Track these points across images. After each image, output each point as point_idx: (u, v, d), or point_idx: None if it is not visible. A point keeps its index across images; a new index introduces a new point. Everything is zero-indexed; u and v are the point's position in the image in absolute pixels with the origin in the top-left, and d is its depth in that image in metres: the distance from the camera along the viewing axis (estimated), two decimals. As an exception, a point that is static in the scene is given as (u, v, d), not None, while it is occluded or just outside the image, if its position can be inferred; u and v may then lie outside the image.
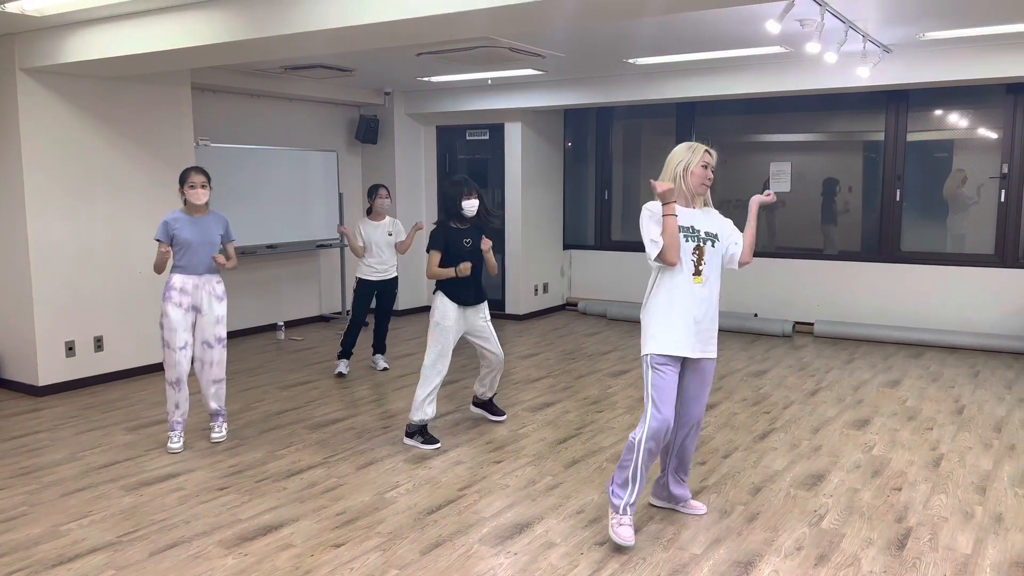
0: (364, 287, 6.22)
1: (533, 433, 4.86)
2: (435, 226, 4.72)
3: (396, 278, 6.33)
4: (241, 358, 6.96)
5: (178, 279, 4.49)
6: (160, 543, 3.41)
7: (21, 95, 5.49)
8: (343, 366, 6.27)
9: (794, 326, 7.88)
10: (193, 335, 4.56)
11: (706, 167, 3.37)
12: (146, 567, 3.20)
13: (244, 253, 7.64)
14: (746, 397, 5.64)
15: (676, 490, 3.65)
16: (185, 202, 4.56)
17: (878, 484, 4.01)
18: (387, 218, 6.29)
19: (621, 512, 3.33)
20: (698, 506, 3.70)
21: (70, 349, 5.87)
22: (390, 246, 6.25)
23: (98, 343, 6.03)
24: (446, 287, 4.61)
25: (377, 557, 3.27)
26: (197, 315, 4.55)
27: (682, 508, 3.69)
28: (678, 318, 3.34)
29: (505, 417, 5.09)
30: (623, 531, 3.31)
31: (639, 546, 3.35)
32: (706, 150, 3.38)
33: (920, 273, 7.46)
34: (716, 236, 3.43)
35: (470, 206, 4.61)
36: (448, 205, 4.67)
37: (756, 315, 8.15)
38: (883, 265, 7.64)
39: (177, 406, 4.56)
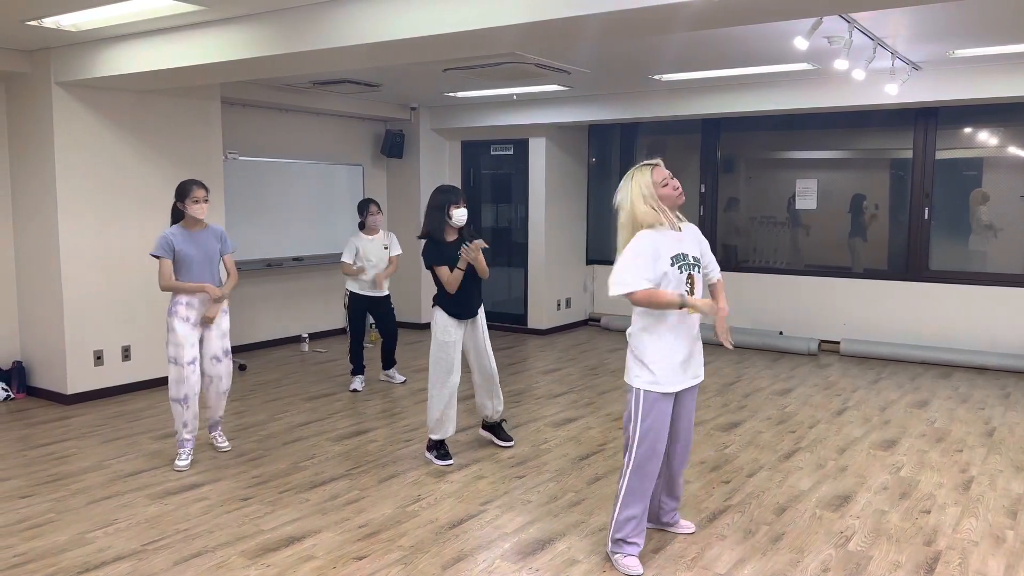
0: (357, 302, 6.20)
1: (555, 448, 4.84)
2: (426, 242, 4.54)
3: (389, 295, 6.29)
4: (265, 369, 7.01)
5: (185, 295, 4.43)
6: (184, 552, 3.43)
7: (56, 108, 5.60)
8: (358, 382, 6.30)
9: (820, 344, 7.80)
10: (200, 350, 4.51)
11: (666, 183, 3.20)
12: (170, 576, 3.22)
13: (269, 265, 7.71)
14: (771, 416, 5.58)
15: (665, 517, 3.61)
16: (180, 217, 4.46)
17: (906, 506, 3.95)
18: (381, 232, 6.30)
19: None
20: (687, 525, 3.65)
21: (98, 358, 5.95)
22: (383, 261, 6.22)
23: (126, 352, 6.10)
24: (444, 303, 4.50)
25: (399, 571, 3.26)
26: (204, 330, 4.52)
27: (673, 529, 3.64)
28: (677, 355, 3.20)
29: (513, 443, 4.89)
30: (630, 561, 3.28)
31: (663, 564, 3.32)
32: (652, 167, 3.22)
33: (949, 292, 7.36)
34: (699, 259, 3.31)
35: (460, 215, 4.48)
36: (435, 215, 4.49)
37: (781, 333, 8.07)
38: (911, 284, 7.54)
39: (186, 424, 4.47)
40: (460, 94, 7.88)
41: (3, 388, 5.90)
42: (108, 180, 5.92)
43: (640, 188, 3.22)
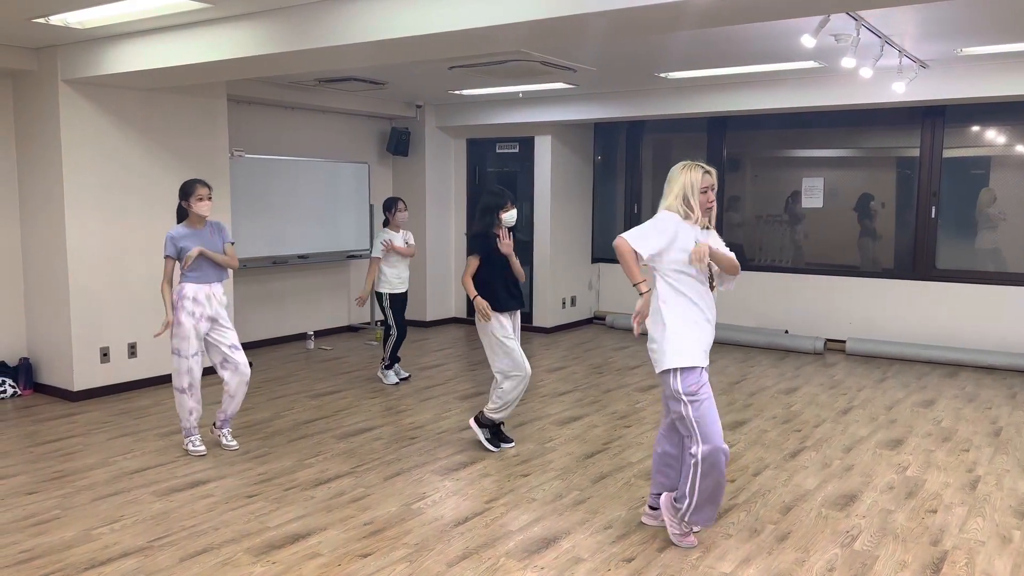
0: (397, 300, 6.35)
1: (560, 447, 4.84)
2: (474, 235, 4.71)
3: (407, 291, 6.48)
4: (270, 367, 7.02)
5: (190, 289, 4.56)
6: (190, 549, 3.43)
7: (63, 106, 5.61)
8: (394, 375, 6.41)
9: (825, 343, 7.78)
10: (206, 343, 4.64)
11: (705, 191, 3.37)
12: (175, 572, 3.22)
13: (275, 262, 7.72)
14: (776, 415, 5.57)
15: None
16: (186, 216, 4.61)
17: (912, 506, 3.93)
18: (402, 229, 6.39)
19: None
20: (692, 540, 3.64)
21: (105, 355, 5.96)
22: (406, 256, 6.38)
23: (132, 350, 6.12)
24: (491, 302, 4.60)
25: (404, 568, 3.26)
26: (213, 324, 4.62)
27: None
28: (706, 327, 3.37)
29: (513, 443, 4.84)
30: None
31: (667, 564, 3.32)
32: (705, 171, 3.38)
33: (955, 291, 7.33)
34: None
35: (509, 217, 4.68)
36: (486, 217, 4.68)
37: (787, 332, 8.05)
38: (917, 283, 7.52)
39: (191, 412, 4.65)
40: (466, 92, 7.87)
41: (10, 385, 5.92)
42: (115, 178, 5.94)
43: (685, 184, 3.37)
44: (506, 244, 4.62)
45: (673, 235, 3.32)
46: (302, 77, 6.93)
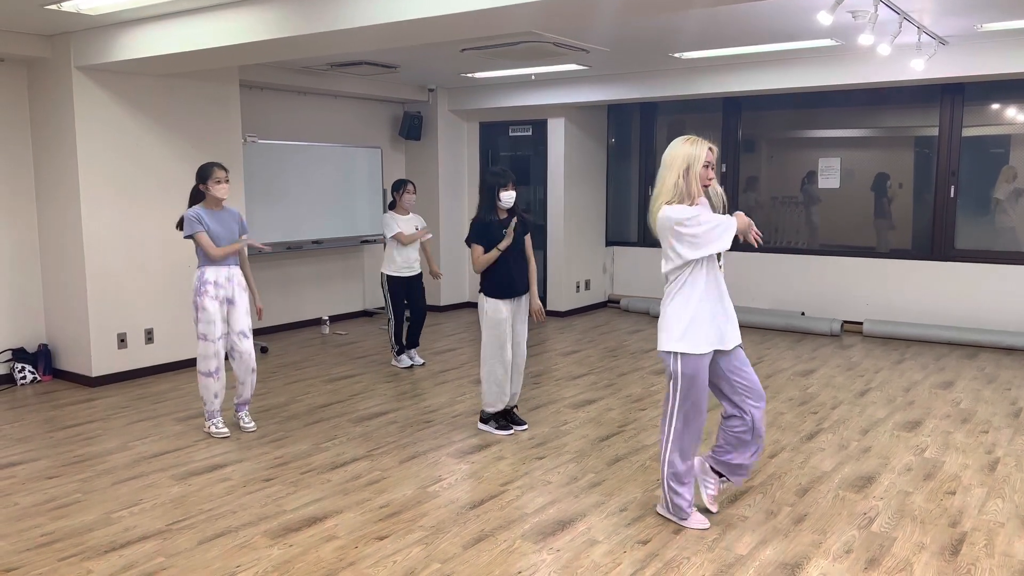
0: (397, 284, 6.29)
1: (575, 430, 4.84)
2: (474, 220, 4.73)
3: (420, 274, 6.41)
4: (286, 352, 7.05)
5: (211, 272, 4.60)
6: (208, 532, 3.46)
7: (76, 93, 5.63)
8: (406, 359, 6.44)
9: (842, 325, 7.72)
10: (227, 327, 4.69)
11: (707, 166, 3.31)
12: (194, 555, 3.25)
13: (289, 248, 7.74)
14: (793, 397, 5.54)
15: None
16: (199, 199, 4.64)
17: (931, 487, 3.91)
18: (411, 213, 6.34)
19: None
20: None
21: (122, 341, 6.01)
22: (416, 241, 6.32)
23: (149, 335, 6.16)
24: (490, 289, 4.65)
25: (420, 551, 3.28)
26: (230, 307, 4.66)
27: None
28: (708, 314, 3.32)
29: (526, 427, 4.85)
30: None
31: (684, 545, 3.31)
32: (709, 147, 3.31)
33: (975, 271, 7.25)
34: None
35: (508, 197, 4.65)
36: (486, 195, 4.70)
37: (803, 313, 8.00)
38: (935, 263, 7.44)
39: (216, 395, 4.70)
40: (478, 75, 7.83)
41: (30, 371, 5.98)
42: (129, 164, 5.96)
43: (688, 158, 3.30)
44: (506, 242, 4.61)
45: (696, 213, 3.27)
46: (314, 62, 6.91)
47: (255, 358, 4.79)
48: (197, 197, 4.66)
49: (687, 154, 3.30)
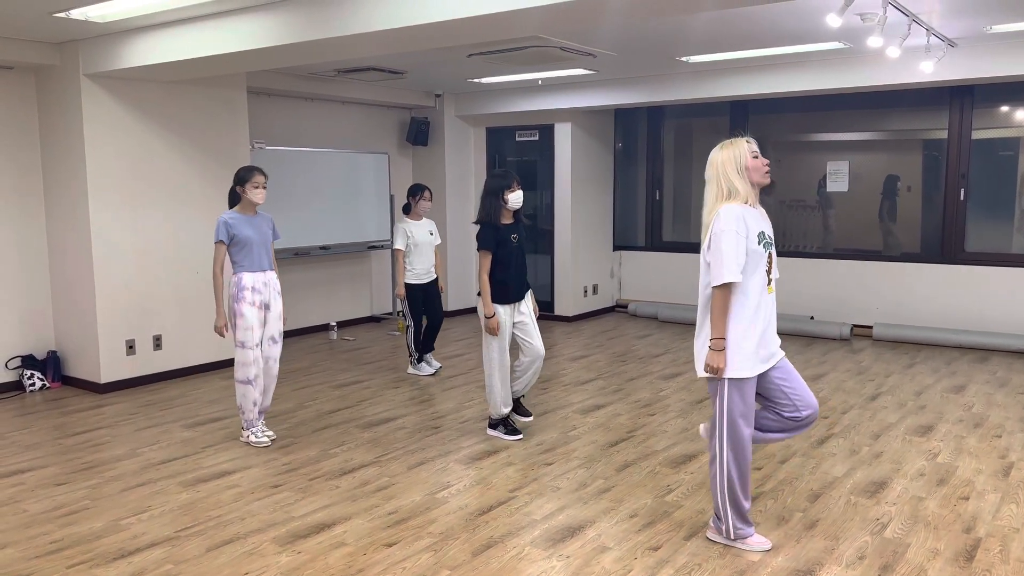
0: (413, 291, 6.27)
1: (584, 435, 4.81)
2: (481, 226, 4.66)
3: (436, 279, 6.37)
4: (294, 358, 7.05)
5: (248, 278, 4.55)
6: (216, 539, 3.45)
7: (85, 100, 5.64)
8: (427, 366, 6.40)
9: (852, 329, 7.68)
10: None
11: (756, 156, 3.21)
12: (203, 562, 3.24)
13: (297, 254, 7.74)
14: (803, 401, 5.49)
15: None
16: (237, 201, 4.62)
17: (944, 493, 3.87)
18: (424, 219, 6.33)
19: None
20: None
21: (131, 347, 6.01)
22: (431, 246, 6.29)
23: (157, 342, 6.16)
24: (503, 296, 4.61)
25: (429, 557, 3.26)
26: (266, 312, 4.62)
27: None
28: (756, 335, 3.18)
29: (531, 418, 4.96)
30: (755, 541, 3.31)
31: (695, 551, 3.28)
32: (746, 140, 3.22)
33: (985, 275, 7.20)
34: (772, 237, 3.34)
35: (516, 198, 4.59)
36: (491, 199, 4.59)
37: (812, 317, 7.96)
38: (946, 267, 7.39)
39: (255, 403, 4.63)
40: (485, 80, 7.83)
41: (39, 377, 6.00)
42: (137, 171, 5.97)
43: (736, 159, 3.18)
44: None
45: (745, 229, 3.14)
46: (321, 67, 6.92)
47: (277, 365, 4.74)
48: (234, 199, 4.63)
49: (724, 159, 3.18)
